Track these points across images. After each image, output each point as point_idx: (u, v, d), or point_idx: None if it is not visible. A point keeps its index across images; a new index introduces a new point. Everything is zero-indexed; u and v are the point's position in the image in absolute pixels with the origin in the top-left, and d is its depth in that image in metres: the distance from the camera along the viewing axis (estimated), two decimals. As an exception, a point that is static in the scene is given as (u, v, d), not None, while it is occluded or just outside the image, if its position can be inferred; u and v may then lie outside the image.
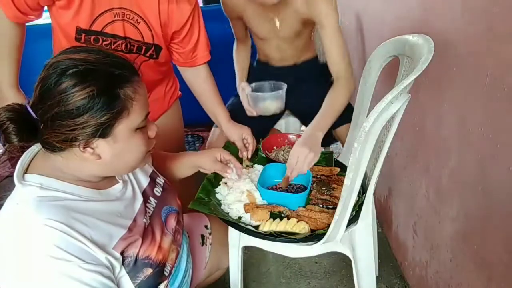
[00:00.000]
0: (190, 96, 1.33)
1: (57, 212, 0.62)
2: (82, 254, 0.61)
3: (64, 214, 0.62)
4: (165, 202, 0.88)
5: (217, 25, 1.66)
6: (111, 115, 0.63)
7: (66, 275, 0.59)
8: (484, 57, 0.74)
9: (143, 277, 0.72)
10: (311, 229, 0.91)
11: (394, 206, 1.39)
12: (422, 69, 0.69)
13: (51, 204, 0.62)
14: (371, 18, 1.49)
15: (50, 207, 0.62)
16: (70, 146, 0.63)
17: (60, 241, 0.59)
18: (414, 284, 1.23)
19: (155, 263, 0.74)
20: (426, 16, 1.00)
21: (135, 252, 0.71)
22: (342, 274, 1.36)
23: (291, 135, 1.31)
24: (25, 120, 0.61)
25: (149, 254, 0.74)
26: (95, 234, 0.65)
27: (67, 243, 0.60)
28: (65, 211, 0.63)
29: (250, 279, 1.36)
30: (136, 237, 0.72)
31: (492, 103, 0.73)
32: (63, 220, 0.61)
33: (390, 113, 0.73)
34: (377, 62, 1.00)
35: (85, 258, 0.61)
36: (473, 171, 0.82)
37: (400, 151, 1.28)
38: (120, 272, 0.68)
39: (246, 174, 1.12)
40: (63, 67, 0.61)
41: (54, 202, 0.63)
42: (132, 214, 0.76)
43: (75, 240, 0.61)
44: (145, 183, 0.86)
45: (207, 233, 1.10)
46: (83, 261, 0.61)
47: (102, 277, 0.62)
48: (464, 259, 0.89)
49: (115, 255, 0.67)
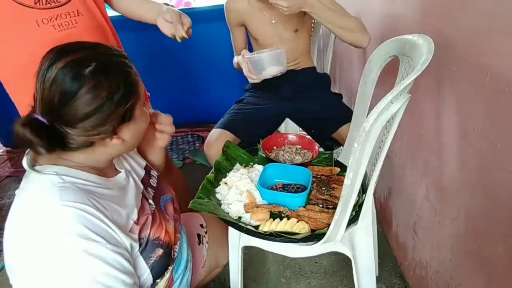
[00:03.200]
0: (189, 96, 1.34)
1: (80, 195, 0.64)
2: (107, 235, 0.64)
3: (88, 197, 0.65)
4: (161, 192, 0.91)
5: (218, 25, 1.67)
6: (133, 99, 0.68)
7: (93, 255, 0.61)
8: (484, 57, 0.74)
9: (155, 258, 0.75)
10: (311, 229, 0.91)
11: (394, 206, 1.39)
12: (422, 69, 0.69)
13: (73, 188, 0.64)
14: (371, 18, 1.49)
15: (73, 191, 0.64)
16: (101, 139, 0.67)
17: (87, 221, 0.62)
18: (414, 284, 1.23)
19: (164, 243, 0.78)
20: (426, 16, 1.00)
21: (147, 233, 0.75)
22: (342, 274, 1.36)
23: (291, 135, 1.31)
24: (48, 130, 0.63)
25: (159, 235, 0.78)
26: (115, 217, 0.68)
27: (94, 224, 0.62)
28: (88, 195, 0.65)
29: (250, 279, 1.36)
30: (146, 219, 0.76)
31: (492, 103, 0.73)
32: (88, 203, 0.63)
33: (390, 113, 0.73)
34: (377, 62, 1.00)
35: (110, 239, 0.64)
36: (473, 171, 0.82)
37: (400, 151, 1.28)
38: (135, 253, 0.71)
39: (246, 174, 1.12)
40: (74, 70, 0.61)
41: (74, 187, 0.65)
42: (138, 200, 0.79)
43: (100, 222, 0.64)
44: (142, 174, 0.90)
45: (203, 232, 1.11)
46: (108, 242, 0.63)
47: (122, 259, 0.65)
48: (464, 259, 0.89)
49: (133, 237, 0.71)
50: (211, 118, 2.22)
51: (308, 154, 1.24)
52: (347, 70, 2.16)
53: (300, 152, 1.26)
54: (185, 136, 2.65)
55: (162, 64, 2.42)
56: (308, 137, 1.39)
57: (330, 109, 1.47)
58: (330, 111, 1.45)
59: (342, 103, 1.55)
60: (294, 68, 1.55)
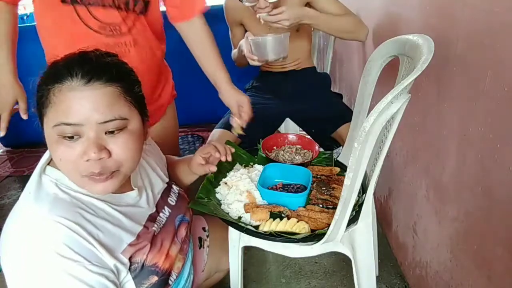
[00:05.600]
0: (189, 96, 1.34)
1: (70, 210, 0.62)
2: (89, 255, 0.61)
3: (77, 214, 0.63)
4: (179, 211, 0.88)
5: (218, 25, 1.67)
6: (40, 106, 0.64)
7: (71, 274, 0.59)
8: (484, 57, 0.74)
9: (148, 285, 0.72)
10: (311, 229, 0.91)
11: (394, 206, 1.39)
12: (422, 69, 0.69)
13: (65, 202, 0.63)
14: (371, 18, 1.49)
15: (63, 205, 0.63)
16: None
17: (69, 239, 0.60)
18: (414, 284, 1.23)
19: (161, 271, 0.74)
20: (426, 16, 1.00)
21: (143, 258, 0.71)
22: (342, 274, 1.36)
23: (291, 135, 1.31)
24: None
25: (157, 262, 0.73)
26: (104, 237, 0.65)
27: (76, 243, 0.60)
28: (78, 211, 0.64)
29: (250, 279, 1.36)
30: (145, 243, 0.72)
31: (492, 103, 0.73)
32: (75, 219, 0.62)
33: (390, 113, 0.73)
34: (377, 62, 1.00)
35: (92, 260, 0.61)
36: (473, 171, 0.82)
37: (400, 151, 1.28)
38: (125, 277, 0.68)
39: (246, 174, 1.12)
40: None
41: (68, 200, 0.64)
42: (142, 221, 0.76)
43: (84, 241, 0.61)
44: (161, 192, 0.86)
45: (204, 236, 1.10)
46: (89, 262, 0.61)
47: (106, 280, 0.62)
48: (464, 259, 0.89)
49: (123, 260, 0.67)
50: (211, 118, 2.22)
51: (308, 154, 1.24)
52: (347, 70, 2.16)
53: (300, 152, 1.26)
54: (185, 136, 2.65)
55: (162, 64, 2.41)
56: (308, 137, 1.39)
57: (330, 109, 1.47)
58: (330, 111, 1.45)
59: (342, 103, 1.55)
60: (295, 68, 1.55)
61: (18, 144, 2.60)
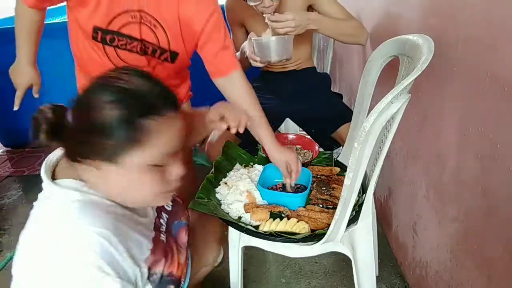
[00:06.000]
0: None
1: (104, 217, 0.59)
2: (118, 268, 0.59)
3: (109, 222, 0.60)
4: (175, 217, 0.85)
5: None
6: (121, 142, 0.57)
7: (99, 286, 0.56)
8: (484, 57, 0.74)
9: None
10: (311, 229, 0.91)
11: (394, 206, 1.39)
12: (422, 69, 0.69)
13: (95, 209, 0.60)
14: (371, 18, 1.49)
15: (94, 213, 0.59)
16: (81, 159, 0.60)
17: (102, 250, 0.56)
18: (414, 284, 1.23)
19: (176, 279, 0.73)
20: (426, 16, 1.00)
21: (161, 269, 0.69)
22: (342, 274, 1.36)
23: (291, 135, 1.31)
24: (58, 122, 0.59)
25: (172, 270, 0.72)
26: (131, 246, 0.63)
27: (108, 254, 0.57)
28: (110, 219, 0.60)
29: (250, 279, 1.36)
30: (161, 252, 0.71)
31: (492, 103, 0.73)
32: (109, 228, 0.58)
33: (390, 113, 0.73)
34: (377, 62, 1.00)
35: (120, 273, 0.59)
36: (473, 171, 0.82)
37: (400, 151, 1.28)
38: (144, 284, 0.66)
39: (246, 174, 1.12)
40: (106, 81, 0.60)
41: (96, 205, 0.61)
42: (151, 226, 0.74)
43: (116, 252, 0.59)
44: None
45: None
46: (117, 274, 0.58)
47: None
48: (464, 259, 0.89)
49: (143, 270, 0.65)
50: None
51: (308, 154, 1.25)
52: (347, 70, 2.16)
53: (300, 152, 1.26)
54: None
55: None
56: (308, 137, 1.39)
57: (330, 109, 1.47)
58: (330, 111, 1.45)
59: (342, 103, 1.55)
60: (295, 68, 1.55)
61: (18, 144, 2.60)
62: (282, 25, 1.23)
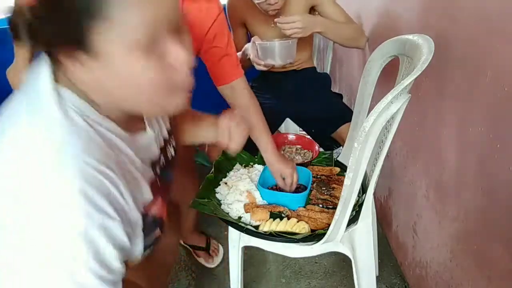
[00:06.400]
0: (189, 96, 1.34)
1: (104, 151, 0.48)
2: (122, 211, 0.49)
3: (112, 156, 0.49)
4: (171, 167, 0.75)
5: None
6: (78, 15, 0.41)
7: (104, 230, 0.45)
8: (484, 57, 0.74)
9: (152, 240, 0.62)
10: (311, 229, 0.91)
11: (394, 206, 1.39)
12: (422, 69, 0.69)
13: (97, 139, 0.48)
14: (371, 18, 1.49)
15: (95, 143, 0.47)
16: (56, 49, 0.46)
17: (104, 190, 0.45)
18: (414, 284, 1.23)
19: (161, 224, 0.65)
20: (426, 16, 1.00)
21: (155, 211, 0.61)
22: (342, 274, 1.36)
23: (291, 135, 1.31)
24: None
25: (160, 214, 0.64)
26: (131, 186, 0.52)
27: (111, 195, 0.47)
28: (112, 152, 0.49)
29: (250, 279, 1.36)
30: (158, 195, 0.62)
31: (492, 103, 0.73)
32: (111, 165, 0.47)
33: (390, 113, 0.73)
34: (377, 62, 1.00)
35: (123, 217, 0.49)
36: (473, 171, 0.82)
37: (400, 151, 1.28)
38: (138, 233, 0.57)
39: (246, 174, 1.12)
40: None
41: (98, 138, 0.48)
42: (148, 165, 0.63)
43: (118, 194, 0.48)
44: (165, 137, 0.72)
45: None
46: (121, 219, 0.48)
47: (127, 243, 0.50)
48: (464, 259, 0.89)
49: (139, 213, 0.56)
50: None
51: (308, 154, 1.25)
52: (347, 70, 2.16)
53: (300, 152, 1.26)
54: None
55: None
56: (308, 137, 1.39)
57: (330, 109, 1.47)
58: (330, 111, 1.46)
59: (342, 103, 1.55)
60: (295, 68, 1.55)
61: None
62: (289, 26, 1.23)
